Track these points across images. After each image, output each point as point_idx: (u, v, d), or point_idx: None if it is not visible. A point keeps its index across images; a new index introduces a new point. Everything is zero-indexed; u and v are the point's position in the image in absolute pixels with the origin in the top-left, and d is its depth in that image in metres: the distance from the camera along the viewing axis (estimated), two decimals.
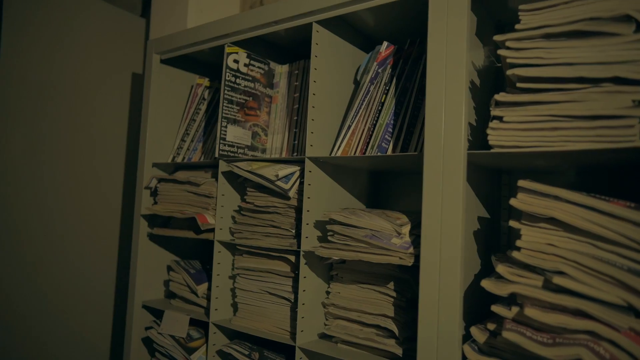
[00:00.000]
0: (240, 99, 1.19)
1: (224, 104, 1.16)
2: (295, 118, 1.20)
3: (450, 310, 0.78)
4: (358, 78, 1.15)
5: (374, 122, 1.03)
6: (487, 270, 0.94)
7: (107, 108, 1.71)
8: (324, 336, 1.05)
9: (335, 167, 1.11)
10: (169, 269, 1.41)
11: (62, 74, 1.57)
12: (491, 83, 0.99)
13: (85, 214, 1.63)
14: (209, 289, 1.21)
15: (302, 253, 1.01)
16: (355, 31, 1.14)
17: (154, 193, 1.38)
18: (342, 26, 1.10)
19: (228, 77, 1.16)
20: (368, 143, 1.03)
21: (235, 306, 1.19)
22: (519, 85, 0.79)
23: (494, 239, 1.02)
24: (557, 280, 0.70)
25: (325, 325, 1.04)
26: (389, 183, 1.25)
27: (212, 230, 1.21)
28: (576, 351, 0.65)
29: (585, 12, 0.74)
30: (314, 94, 1.03)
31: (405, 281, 0.94)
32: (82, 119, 1.63)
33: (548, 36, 0.77)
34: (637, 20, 0.68)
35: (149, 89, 1.40)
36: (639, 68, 0.68)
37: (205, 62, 1.46)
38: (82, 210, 1.62)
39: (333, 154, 1.04)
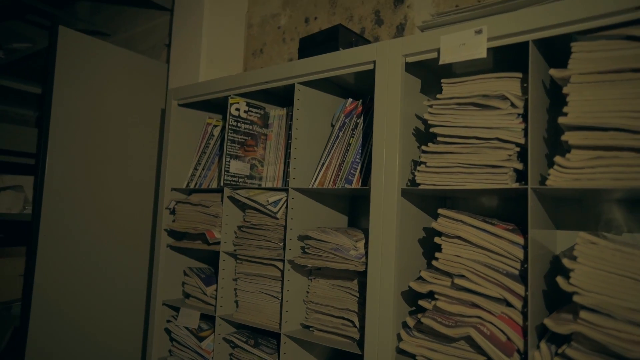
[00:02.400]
0: (240, 138, 1.48)
1: (228, 144, 1.44)
2: (289, 151, 1.48)
3: (387, 304, 1.05)
4: (333, 123, 1.43)
5: (343, 159, 1.31)
6: None
7: (141, 140, 2.01)
8: (304, 326, 1.32)
9: (318, 193, 1.39)
10: (185, 273, 1.69)
11: (103, 112, 1.87)
12: None
13: (124, 229, 1.92)
14: (216, 290, 1.49)
15: (286, 261, 1.29)
16: (333, 85, 1.42)
17: (173, 212, 1.67)
18: (321, 83, 1.37)
19: (231, 122, 1.45)
20: (338, 176, 1.31)
21: (236, 303, 1.46)
22: (438, 139, 1.06)
23: None
24: (457, 281, 0.97)
25: (306, 318, 1.31)
26: (365, 203, 1.52)
27: (219, 243, 1.49)
28: (467, 330, 0.92)
29: (480, 89, 1.02)
30: (296, 139, 1.32)
31: (363, 283, 1.21)
32: (120, 149, 1.92)
33: (459, 104, 1.04)
34: (510, 99, 0.96)
35: (169, 127, 1.69)
36: (511, 132, 0.95)
37: (215, 103, 1.75)
38: (120, 226, 1.91)
39: (311, 185, 1.32)
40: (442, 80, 1.08)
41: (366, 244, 1.18)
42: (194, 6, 2.01)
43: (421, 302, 1.04)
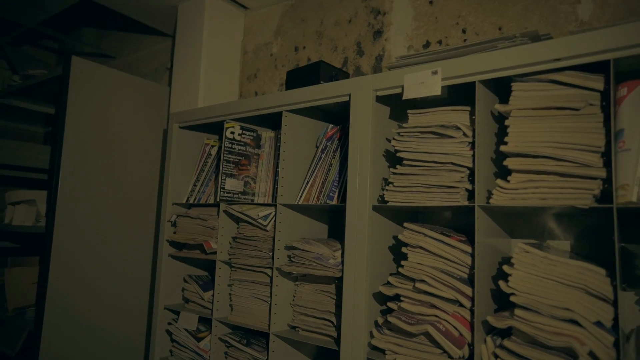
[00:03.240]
0: (235, 159, 1.63)
1: (223, 164, 1.60)
2: (277, 170, 1.64)
3: (360, 306, 1.19)
4: (317, 145, 1.59)
5: (325, 178, 1.46)
6: None
7: (144, 157, 2.15)
8: (291, 326, 1.46)
9: (303, 207, 1.53)
10: (184, 280, 1.83)
11: (110, 132, 2.02)
12: None
13: (129, 239, 2.06)
14: (213, 295, 1.63)
15: (274, 269, 1.43)
16: (317, 110, 1.57)
17: (174, 225, 1.82)
18: (305, 110, 1.53)
19: (226, 144, 1.61)
20: (321, 192, 1.46)
21: (231, 307, 1.60)
22: (404, 162, 1.22)
23: None
24: (418, 285, 1.12)
25: (293, 319, 1.46)
26: (344, 215, 1.67)
27: (215, 252, 1.63)
28: (425, 327, 1.06)
29: (438, 120, 1.17)
30: (283, 160, 1.47)
31: (340, 288, 1.35)
32: (125, 166, 2.06)
33: (421, 132, 1.20)
34: (462, 130, 1.11)
35: (171, 147, 1.85)
36: (463, 158, 1.10)
37: (212, 126, 1.90)
38: (126, 236, 2.05)
39: (297, 202, 1.47)
40: (409, 111, 1.23)
41: (343, 253, 1.32)
42: (194, 34, 2.17)
43: (389, 304, 1.18)
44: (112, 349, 1.97)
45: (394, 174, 1.21)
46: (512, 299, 0.97)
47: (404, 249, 1.19)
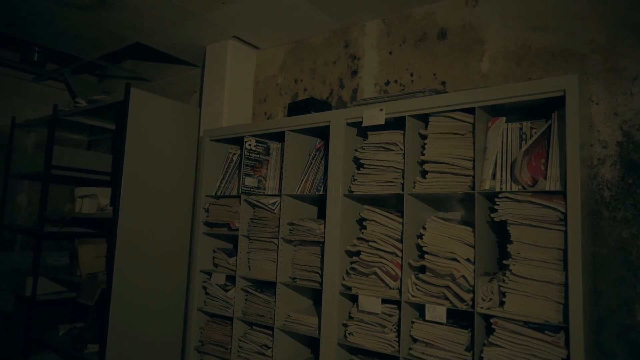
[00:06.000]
0: (251, 163, 2.19)
1: (243, 167, 2.16)
2: (282, 171, 2.19)
3: (335, 259, 1.75)
4: (309, 154, 2.15)
5: (315, 177, 2.03)
6: None
7: (182, 161, 2.71)
8: (292, 278, 2.02)
9: (300, 197, 2.09)
10: (214, 251, 2.39)
11: (157, 142, 2.58)
12: None
13: (172, 222, 2.62)
14: (236, 260, 2.19)
15: (280, 239, 1.99)
16: (310, 130, 2.13)
17: (207, 210, 2.38)
18: (302, 130, 2.09)
19: (245, 153, 2.17)
20: (312, 186, 2.03)
21: (249, 267, 2.16)
22: (365, 166, 1.78)
23: None
24: (371, 244, 1.68)
25: (292, 272, 2.01)
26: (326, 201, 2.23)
27: (237, 229, 2.19)
28: (374, 269, 1.62)
29: (386, 139, 1.72)
30: (286, 164, 2.03)
31: (323, 250, 1.92)
32: (169, 167, 2.63)
33: (375, 146, 1.76)
34: (399, 146, 1.67)
35: (203, 155, 2.41)
36: (399, 164, 1.67)
37: (234, 139, 2.46)
38: (170, 220, 2.61)
39: (295, 192, 2.03)
40: (368, 132, 1.79)
41: (325, 226, 1.88)
42: (219, 68, 2.72)
43: (354, 257, 1.75)
44: (161, 301, 2.53)
45: (358, 173, 1.77)
46: (424, 249, 1.53)
47: (364, 222, 1.75)
